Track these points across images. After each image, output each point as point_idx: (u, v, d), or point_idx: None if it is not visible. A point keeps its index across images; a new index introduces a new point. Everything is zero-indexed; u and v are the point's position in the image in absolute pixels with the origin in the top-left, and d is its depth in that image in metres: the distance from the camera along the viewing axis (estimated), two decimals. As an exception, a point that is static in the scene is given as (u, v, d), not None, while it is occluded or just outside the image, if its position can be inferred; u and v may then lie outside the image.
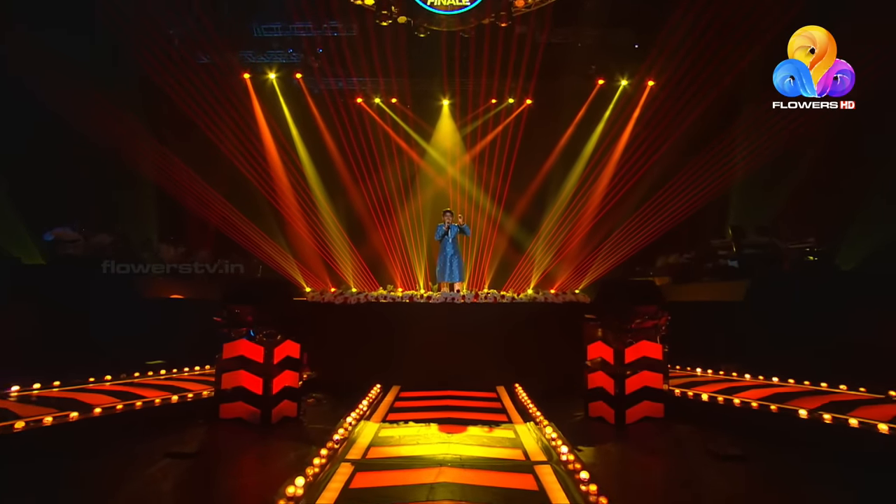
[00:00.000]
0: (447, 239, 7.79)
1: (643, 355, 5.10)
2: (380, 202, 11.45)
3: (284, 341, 5.14)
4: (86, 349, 6.52)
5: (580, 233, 11.26)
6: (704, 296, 8.59)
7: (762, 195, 9.68)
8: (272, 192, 11.00)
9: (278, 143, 11.42)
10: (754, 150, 9.22)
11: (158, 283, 8.60)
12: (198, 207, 10.03)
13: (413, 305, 6.46)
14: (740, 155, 9.42)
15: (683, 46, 9.65)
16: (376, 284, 10.97)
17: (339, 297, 6.68)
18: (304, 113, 11.76)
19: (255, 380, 4.91)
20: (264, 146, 11.30)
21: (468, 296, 6.51)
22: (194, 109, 9.89)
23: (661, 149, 10.54)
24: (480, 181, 11.75)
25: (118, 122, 8.95)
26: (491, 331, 6.37)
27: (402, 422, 4.67)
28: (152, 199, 10.28)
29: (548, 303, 6.70)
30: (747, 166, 9.51)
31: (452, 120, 12.27)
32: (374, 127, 11.84)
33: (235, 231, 10.38)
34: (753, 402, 4.76)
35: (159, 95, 9.91)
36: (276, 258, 10.90)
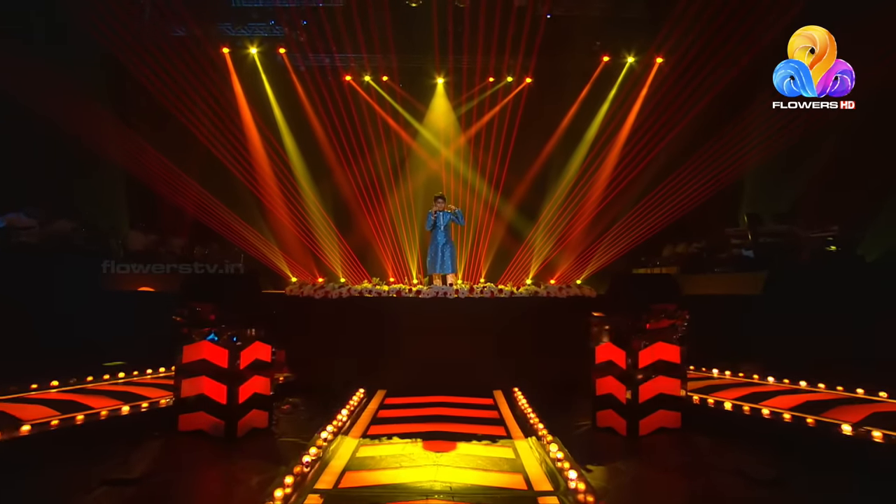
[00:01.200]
0: (439, 227, 7.22)
1: (659, 358, 4.59)
2: (369, 187, 10.99)
3: (253, 343, 4.59)
4: (36, 349, 5.94)
5: (583, 220, 10.83)
6: (717, 288, 8.13)
7: (780, 181, 9.16)
8: (252, 177, 10.47)
9: (259, 125, 10.87)
10: (772, 134, 8.68)
11: (126, 275, 8.03)
12: (171, 194, 9.48)
13: (401, 301, 5.91)
14: (757, 139, 8.84)
15: (699, 21, 9.03)
16: (365, 275, 10.53)
17: (319, 290, 6.12)
18: (287, 92, 11.21)
19: (218, 387, 4.36)
20: (244, 128, 10.71)
21: (462, 290, 5.96)
22: (166, 89, 9.28)
23: (671, 131, 10.03)
24: (476, 165, 11.30)
25: (79, 102, 8.29)
26: (487, 328, 5.86)
27: (385, 437, 4.14)
28: (120, 184, 9.70)
29: (550, 297, 6.17)
30: (764, 151, 8.95)
31: (447, 99, 11.75)
32: (363, 107, 11.33)
33: (213, 219, 9.85)
34: (786, 414, 4.24)
35: (123, 73, 9.28)
36: (260, 247, 10.43)
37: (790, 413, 4.26)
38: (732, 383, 5.60)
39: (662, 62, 10.78)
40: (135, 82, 9.30)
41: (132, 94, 9.74)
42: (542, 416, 4.60)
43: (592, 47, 11.07)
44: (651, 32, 10.42)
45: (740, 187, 9.84)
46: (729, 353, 6.47)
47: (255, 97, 10.92)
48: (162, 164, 9.24)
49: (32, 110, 7.71)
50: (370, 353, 5.81)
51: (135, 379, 5.61)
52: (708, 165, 9.30)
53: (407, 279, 10.52)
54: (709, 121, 9.48)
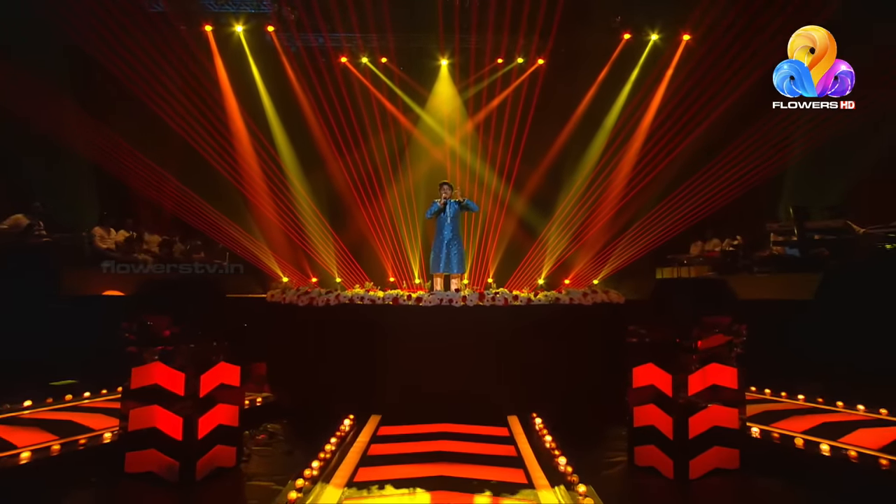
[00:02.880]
0: (444, 218, 6.46)
1: (713, 384, 3.85)
2: (365, 179, 10.45)
3: (217, 364, 3.88)
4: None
5: (603, 216, 10.26)
6: (759, 292, 7.38)
7: (829, 172, 8.38)
8: (237, 169, 9.87)
9: (245, 112, 10.26)
10: (820, 121, 7.93)
11: (93, 277, 7.37)
12: (145, 188, 8.96)
13: (398, 309, 5.18)
14: (805, 126, 8.10)
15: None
16: (362, 274, 10.03)
17: (304, 297, 5.41)
18: (276, 75, 10.60)
19: (173, 419, 3.66)
20: (228, 115, 10.08)
21: (471, 296, 5.22)
22: (137, 75, 8.66)
23: (702, 118, 9.36)
24: (485, 154, 10.73)
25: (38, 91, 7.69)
26: (500, 342, 5.12)
27: (377, 485, 3.41)
28: (87, 178, 9.08)
29: (574, 305, 5.42)
30: (812, 139, 8.21)
31: (452, 82, 11.15)
32: (359, 91, 10.73)
33: (194, 215, 9.31)
34: (882, 459, 3.48)
35: (88, 59, 8.66)
36: (248, 245, 9.90)
37: (886, 457, 3.49)
38: (794, 409, 4.85)
39: (690, 39, 10.08)
40: (103, 69, 8.67)
41: (99, 81, 9.11)
42: (568, 452, 3.88)
43: (612, 24, 10.45)
44: (677, 5, 9.81)
45: (781, 178, 9.17)
46: (781, 369, 5.72)
47: (240, 81, 10.31)
48: (134, 156, 8.70)
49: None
50: (362, 371, 5.10)
51: (84, 402, 4.91)
52: (747, 155, 8.66)
53: (406, 282, 10.10)
54: (745, 106, 8.74)
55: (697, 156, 9.36)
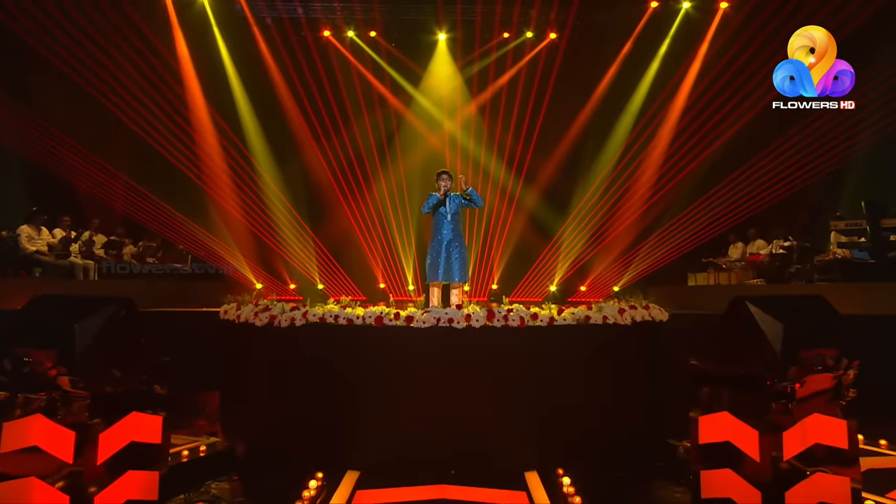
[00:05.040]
0: (444, 214, 5.58)
1: (817, 442, 2.96)
2: (350, 170, 10.20)
3: (126, 415, 3.00)
4: None
5: (629, 213, 9.92)
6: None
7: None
8: (198, 160, 9.45)
9: (209, 94, 9.81)
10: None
11: (17, 285, 6.68)
12: (84, 183, 8.50)
13: (384, 332, 4.26)
14: (874, 103, 7.63)
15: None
16: (348, 281, 9.89)
17: (263, 314, 4.50)
18: (247, 51, 10.20)
19: (55, 498, 2.74)
20: (188, 98, 9.56)
21: (477, 315, 4.29)
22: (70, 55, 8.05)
23: (742, 96, 8.84)
24: (491, 142, 10.41)
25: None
26: (515, 375, 4.22)
27: None
28: (11, 170, 8.47)
29: (608, 325, 4.50)
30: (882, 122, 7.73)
31: (451, 59, 10.82)
32: (344, 69, 10.42)
33: (147, 214, 8.92)
34: None
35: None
36: (215, 248, 9.58)
37: None
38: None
39: (728, 6, 9.55)
40: (25, 44, 8.02)
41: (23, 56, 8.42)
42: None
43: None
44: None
45: (843, 168, 8.53)
46: (883, 407, 4.81)
47: (203, 58, 9.81)
48: (70, 145, 8.22)
49: None
50: (336, 413, 4.21)
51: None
52: (797, 139, 8.19)
53: (390, 292, 9.86)
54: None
55: (740, 143, 8.90)
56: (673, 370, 4.43)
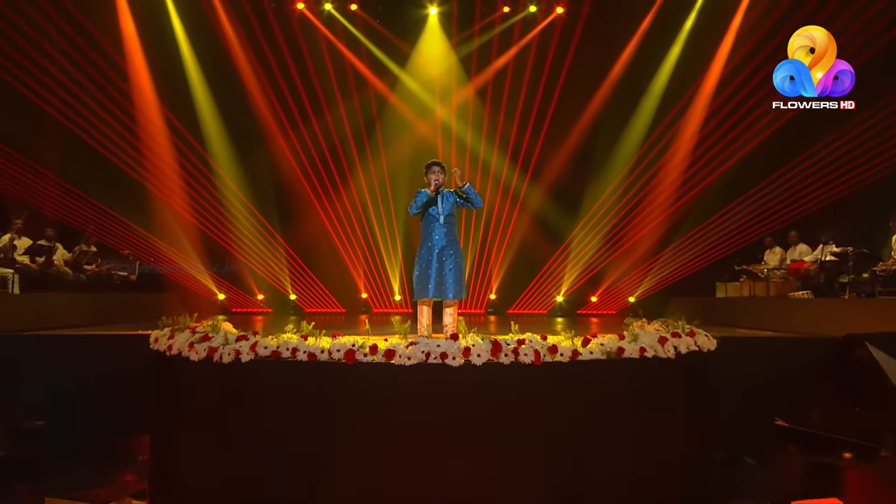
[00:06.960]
0: (435, 216, 4.90)
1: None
2: (324, 164, 9.99)
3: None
4: None
5: (651, 215, 9.64)
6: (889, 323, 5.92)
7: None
8: (142, 154, 9.07)
9: (157, 74, 9.48)
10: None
11: None
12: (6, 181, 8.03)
13: (355, 373, 3.48)
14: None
15: None
16: (323, 291, 9.69)
17: (199, 345, 3.70)
18: (205, 24, 9.82)
19: None
20: (131, 78, 9.18)
21: (479, 348, 3.49)
22: None
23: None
24: (492, 132, 10.11)
25: None
26: (528, 432, 3.48)
27: None
28: None
29: (646, 358, 3.72)
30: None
31: (444, 36, 10.58)
32: (319, 46, 10.06)
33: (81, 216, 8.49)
34: None
35: None
36: (169, 254, 9.24)
37: None
38: None
39: None
40: None
41: None
42: None
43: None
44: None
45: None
46: None
47: (151, 32, 9.42)
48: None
49: None
50: (294, 487, 3.44)
51: None
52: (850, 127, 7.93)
53: (364, 303, 9.74)
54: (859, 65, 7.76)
55: (784, 135, 8.58)
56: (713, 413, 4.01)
